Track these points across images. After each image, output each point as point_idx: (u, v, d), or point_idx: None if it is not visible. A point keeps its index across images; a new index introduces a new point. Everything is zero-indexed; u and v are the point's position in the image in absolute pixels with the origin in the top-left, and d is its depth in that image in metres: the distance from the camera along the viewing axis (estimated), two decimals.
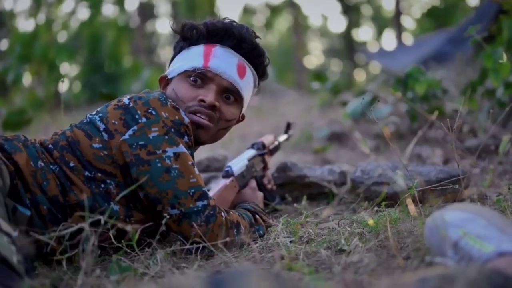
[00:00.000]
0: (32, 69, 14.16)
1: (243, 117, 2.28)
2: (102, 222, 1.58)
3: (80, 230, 1.63)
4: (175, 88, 2.05)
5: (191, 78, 2.03)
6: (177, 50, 2.15)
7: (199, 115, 1.99)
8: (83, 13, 23.89)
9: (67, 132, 1.91)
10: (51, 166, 1.80)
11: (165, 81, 2.15)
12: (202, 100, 1.98)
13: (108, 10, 24.01)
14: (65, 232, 1.62)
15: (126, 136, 1.80)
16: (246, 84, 2.12)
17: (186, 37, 2.10)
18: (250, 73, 2.13)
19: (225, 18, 2.14)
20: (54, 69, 14.56)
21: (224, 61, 2.04)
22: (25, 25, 22.67)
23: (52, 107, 11.52)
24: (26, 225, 1.66)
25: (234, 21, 2.14)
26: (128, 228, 1.70)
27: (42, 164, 1.79)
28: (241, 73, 2.08)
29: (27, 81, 14.87)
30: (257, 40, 2.15)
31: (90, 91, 15.07)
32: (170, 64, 2.18)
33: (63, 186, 1.78)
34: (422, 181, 1.94)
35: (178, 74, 2.07)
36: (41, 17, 19.50)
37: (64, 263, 1.65)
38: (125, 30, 20.61)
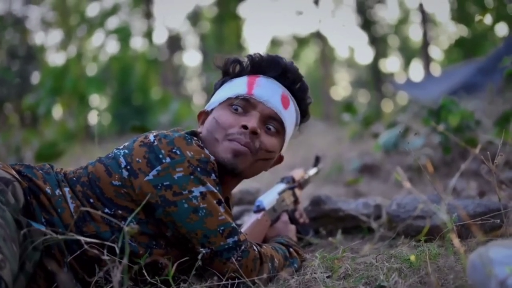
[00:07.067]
0: (63, 101, 14.38)
1: (281, 159, 2.22)
2: (118, 251, 1.56)
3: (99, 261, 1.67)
4: (215, 116, 2.00)
5: (233, 106, 1.99)
6: (218, 85, 2.13)
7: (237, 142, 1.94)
8: (113, 47, 24.34)
9: (89, 167, 1.89)
10: (70, 199, 1.79)
11: (204, 115, 2.11)
12: (244, 126, 1.93)
13: (137, 43, 24.38)
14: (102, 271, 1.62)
15: (150, 176, 1.76)
16: (290, 116, 2.08)
17: (228, 71, 2.10)
18: (293, 106, 2.10)
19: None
20: (84, 101, 14.78)
21: (268, 90, 2.02)
22: (56, 58, 23.10)
23: (82, 139, 11.64)
24: (42, 241, 1.63)
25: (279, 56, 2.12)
26: (165, 261, 1.70)
27: (60, 193, 1.79)
28: (285, 104, 2.04)
29: (57, 114, 15.08)
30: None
31: (120, 123, 15.23)
32: (209, 100, 2.15)
33: (81, 217, 1.76)
34: (464, 215, 1.89)
35: (220, 104, 2.04)
36: (72, 50, 19.89)
37: None
38: (154, 63, 20.90)
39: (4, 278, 1.41)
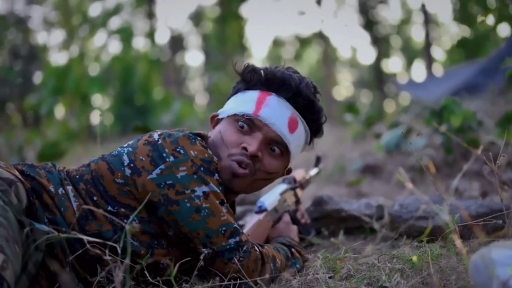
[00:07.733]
0: (65, 101, 14.37)
1: (289, 171, 2.17)
2: (119, 251, 1.55)
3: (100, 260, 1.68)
4: (222, 130, 1.98)
5: (239, 123, 1.96)
6: (234, 91, 2.08)
7: (240, 164, 1.92)
8: (115, 47, 24.34)
9: (92, 165, 1.89)
10: (73, 197, 1.79)
11: (215, 120, 2.09)
12: (245, 148, 1.91)
13: (139, 43, 24.37)
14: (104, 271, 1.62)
15: (153, 175, 1.77)
16: (296, 140, 2.02)
17: (244, 79, 2.04)
18: (302, 128, 2.04)
19: (288, 68, 2.07)
20: (86, 101, 14.76)
21: (276, 112, 1.96)
22: (58, 58, 23.10)
23: (85, 139, 11.63)
24: (45, 241, 1.63)
25: (296, 72, 2.07)
26: (167, 261, 1.70)
27: (63, 191, 1.80)
28: (292, 128, 1.98)
29: (59, 114, 15.07)
30: (317, 95, 2.08)
31: (122, 123, 15.24)
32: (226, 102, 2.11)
33: (84, 216, 1.76)
34: (467, 215, 1.89)
35: (228, 116, 2.00)
36: (74, 50, 19.90)
37: None
38: (156, 63, 20.89)
39: (6, 279, 1.41)
